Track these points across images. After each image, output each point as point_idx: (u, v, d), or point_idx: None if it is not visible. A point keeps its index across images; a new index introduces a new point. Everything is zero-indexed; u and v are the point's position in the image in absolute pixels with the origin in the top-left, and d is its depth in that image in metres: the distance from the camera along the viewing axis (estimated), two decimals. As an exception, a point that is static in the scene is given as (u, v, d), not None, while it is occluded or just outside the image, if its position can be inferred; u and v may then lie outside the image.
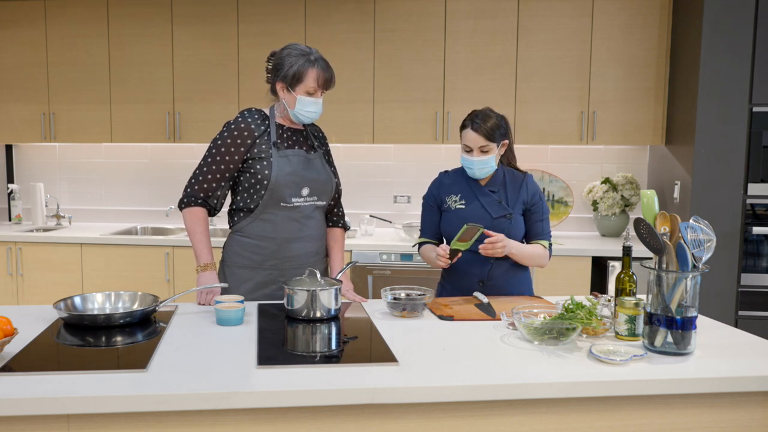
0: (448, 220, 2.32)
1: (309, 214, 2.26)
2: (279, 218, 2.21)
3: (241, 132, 2.19)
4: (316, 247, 2.32)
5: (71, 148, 4.53)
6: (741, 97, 3.41)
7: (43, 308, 2.04)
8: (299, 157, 2.23)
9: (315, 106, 2.19)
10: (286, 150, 2.22)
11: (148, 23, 4.06)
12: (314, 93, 2.18)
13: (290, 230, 2.23)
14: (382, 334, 1.79)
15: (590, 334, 1.77)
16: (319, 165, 2.29)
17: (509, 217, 2.26)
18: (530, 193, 2.30)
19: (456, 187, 2.34)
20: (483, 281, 2.29)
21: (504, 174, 2.33)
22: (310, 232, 2.27)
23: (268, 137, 2.22)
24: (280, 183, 2.18)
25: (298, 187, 2.21)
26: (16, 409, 1.31)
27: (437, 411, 1.44)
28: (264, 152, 2.19)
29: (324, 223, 2.37)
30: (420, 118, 3.93)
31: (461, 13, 3.86)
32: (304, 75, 2.14)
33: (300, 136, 2.30)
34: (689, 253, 1.61)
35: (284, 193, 2.19)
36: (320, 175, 2.27)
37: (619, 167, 4.19)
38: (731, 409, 1.51)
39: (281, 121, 2.27)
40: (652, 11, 3.76)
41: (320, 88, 2.18)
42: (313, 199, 2.26)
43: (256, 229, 2.23)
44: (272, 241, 2.22)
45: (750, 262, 3.49)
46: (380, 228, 4.24)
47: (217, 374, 1.45)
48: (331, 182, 2.31)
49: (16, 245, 3.92)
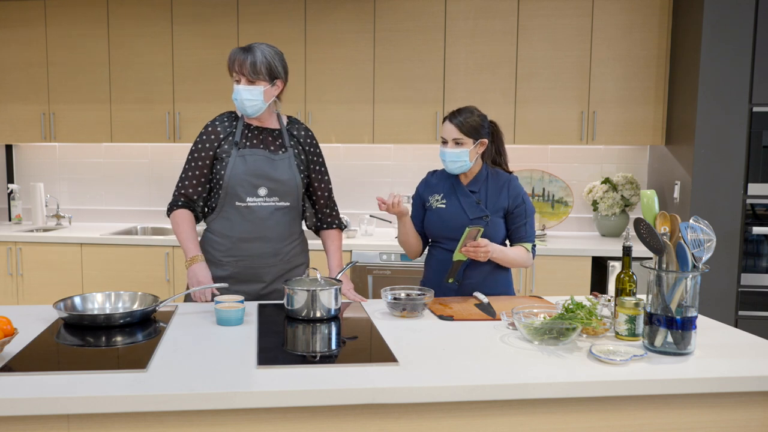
0: (429, 219, 2.35)
1: (267, 215, 2.24)
2: (235, 217, 2.24)
3: (209, 135, 2.25)
4: (275, 249, 2.28)
5: (71, 148, 4.53)
6: (741, 97, 3.41)
7: (43, 308, 2.04)
8: (259, 156, 2.22)
9: (237, 93, 2.17)
10: (245, 149, 2.23)
11: (148, 23, 4.06)
12: (238, 80, 2.18)
13: (244, 230, 2.24)
14: (382, 334, 1.79)
15: (590, 334, 1.77)
16: (284, 166, 2.25)
17: (485, 218, 2.27)
18: (512, 195, 2.30)
19: (440, 187, 2.37)
20: (459, 281, 2.30)
21: (487, 174, 2.34)
22: (268, 233, 2.25)
23: (233, 137, 2.25)
24: (234, 182, 2.20)
25: (253, 187, 2.22)
26: (16, 409, 1.31)
27: (437, 411, 1.44)
28: (226, 152, 2.23)
29: (292, 224, 2.32)
30: (420, 118, 3.93)
31: (461, 13, 3.86)
32: (228, 64, 2.20)
33: (269, 135, 2.28)
34: (689, 253, 1.61)
35: (238, 191, 2.21)
36: (282, 175, 2.24)
37: (619, 167, 4.19)
38: (731, 409, 1.51)
39: (253, 121, 2.28)
40: (652, 11, 3.76)
41: (236, 72, 2.17)
42: (273, 199, 2.24)
43: (217, 225, 2.27)
44: (228, 239, 2.25)
45: (750, 262, 3.49)
46: (380, 228, 4.24)
47: (217, 374, 1.45)
48: (295, 183, 2.27)
49: (16, 245, 3.92)
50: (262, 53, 2.17)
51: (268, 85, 2.19)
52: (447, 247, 2.32)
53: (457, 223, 2.28)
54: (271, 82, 2.19)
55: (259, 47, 2.18)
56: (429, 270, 2.41)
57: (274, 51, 2.21)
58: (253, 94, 2.17)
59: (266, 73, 2.17)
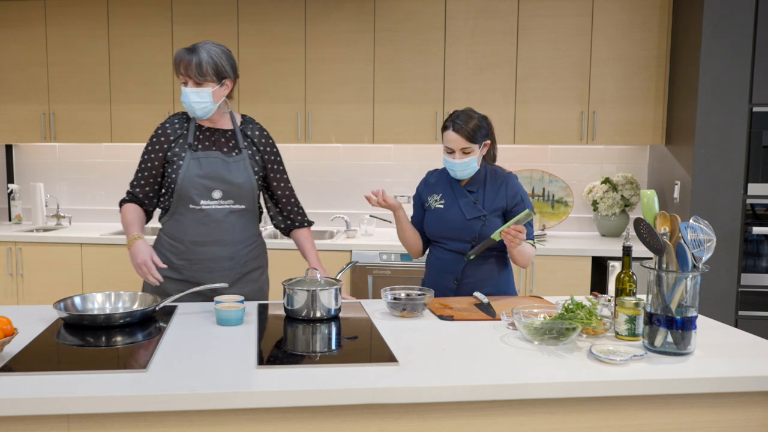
0: (429, 220, 2.35)
1: (222, 218, 2.20)
2: (188, 220, 2.19)
3: (159, 137, 2.22)
4: (231, 252, 2.23)
5: (71, 148, 4.53)
6: (741, 97, 3.41)
7: (43, 308, 2.04)
8: (213, 159, 2.18)
9: (185, 96, 2.12)
10: (200, 152, 2.19)
11: (148, 23, 4.06)
12: (185, 82, 2.12)
13: (198, 233, 2.19)
14: (382, 334, 1.79)
15: (590, 334, 1.77)
16: (239, 168, 2.21)
17: (483, 218, 2.27)
18: (510, 193, 2.30)
19: (438, 187, 2.37)
20: (458, 279, 2.30)
21: (486, 173, 2.33)
22: (223, 236, 2.21)
23: (185, 139, 2.21)
24: (187, 185, 2.16)
25: (207, 190, 2.17)
26: (16, 409, 1.31)
27: (437, 411, 1.44)
28: (178, 155, 2.19)
29: (248, 227, 2.28)
30: (420, 118, 3.93)
31: (461, 13, 3.86)
32: (173, 66, 2.15)
33: (222, 137, 2.24)
34: (689, 253, 1.61)
35: (191, 194, 2.17)
36: (237, 178, 2.20)
37: (619, 167, 4.19)
38: (731, 409, 1.51)
39: (205, 122, 2.23)
40: (652, 11, 3.76)
41: (182, 74, 2.11)
42: (228, 202, 2.20)
43: (170, 228, 2.24)
44: (182, 243, 2.21)
45: (750, 262, 3.49)
46: (380, 228, 4.24)
47: (217, 374, 1.45)
48: (250, 186, 2.22)
49: (16, 245, 3.92)
50: (208, 53, 2.10)
51: (217, 86, 2.13)
52: (447, 246, 2.32)
53: (455, 223, 2.28)
54: (219, 82, 2.13)
55: (205, 47, 2.11)
56: (430, 270, 2.41)
57: (220, 50, 2.14)
58: (201, 96, 2.11)
59: (213, 74, 2.11)
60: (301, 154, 4.34)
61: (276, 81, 3.99)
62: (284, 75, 3.98)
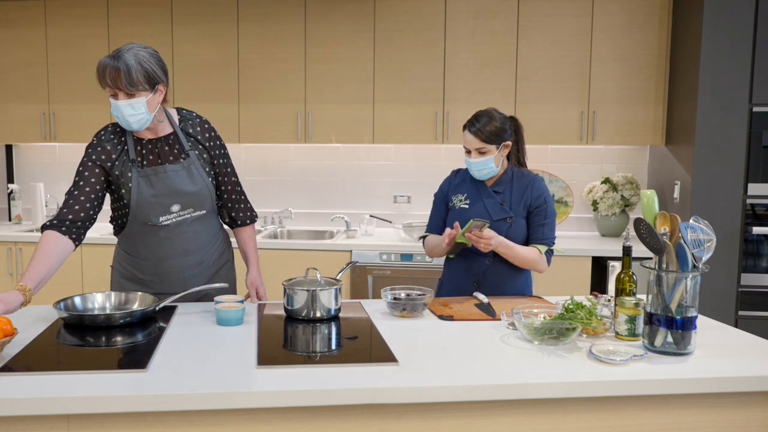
0: (452, 219, 2.33)
1: (185, 228, 2.10)
2: (149, 238, 2.09)
3: (99, 155, 2.02)
4: (198, 259, 2.16)
5: (71, 148, 4.52)
6: (741, 97, 3.41)
7: (43, 308, 2.04)
8: (163, 174, 2.03)
9: (117, 109, 1.92)
10: (147, 168, 2.02)
11: (148, 23, 4.06)
12: (114, 94, 1.92)
13: (163, 249, 2.10)
14: (382, 334, 1.79)
15: (590, 334, 1.77)
16: (192, 174, 2.07)
17: (509, 220, 2.27)
18: (534, 195, 2.28)
19: (463, 187, 2.36)
20: (478, 281, 2.30)
21: (513, 175, 2.33)
22: (188, 246, 2.12)
23: (127, 156, 2.03)
24: (142, 206, 2.03)
25: (164, 207, 2.05)
26: (16, 409, 1.31)
27: (437, 411, 1.44)
28: (124, 174, 2.02)
29: (211, 227, 2.19)
30: (420, 118, 3.93)
31: (461, 13, 3.86)
32: (97, 77, 1.93)
33: (165, 145, 2.07)
34: (689, 253, 1.61)
35: (148, 214, 2.04)
36: (192, 186, 2.07)
37: (619, 167, 4.19)
38: (731, 409, 1.51)
39: (143, 133, 2.05)
40: (652, 11, 3.76)
41: (110, 87, 1.90)
42: (187, 212, 2.09)
43: (131, 247, 2.14)
44: (146, 260, 2.13)
45: (750, 262, 3.49)
46: (380, 228, 4.24)
47: (217, 374, 1.45)
48: (207, 189, 2.10)
49: (16, 245, 3.92)
50: (136, 59, 1.90)
51: (150, 94, 1.94)
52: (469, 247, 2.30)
53: None
54: (152, 89, 1.94)
55: (130, 52, 1.90)
56: (450, 270, 2.39)
57: (148, 53, 1.94)
58: (135, 108, 1.92)
59: (145, 81, 1.91)
60: (301, 154, 4.35)
61: (276, 81, 3.99)
62: (284, 75, 3.98)
